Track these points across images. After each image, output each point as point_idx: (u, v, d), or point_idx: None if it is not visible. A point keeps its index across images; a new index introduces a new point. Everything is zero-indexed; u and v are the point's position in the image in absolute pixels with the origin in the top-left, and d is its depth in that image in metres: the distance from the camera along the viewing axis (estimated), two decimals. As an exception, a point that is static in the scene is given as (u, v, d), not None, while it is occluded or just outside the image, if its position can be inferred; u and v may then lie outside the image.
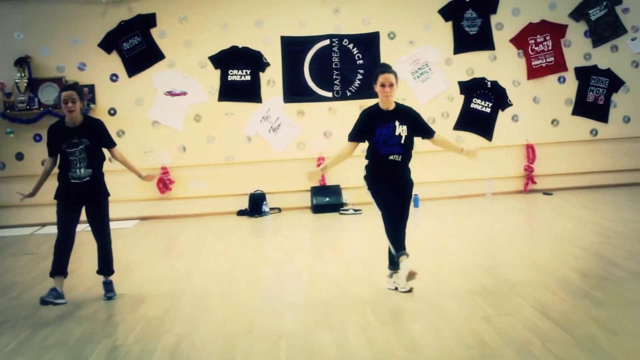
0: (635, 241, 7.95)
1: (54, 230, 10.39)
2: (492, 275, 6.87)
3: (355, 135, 6.47)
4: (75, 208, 6.59)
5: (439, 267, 7.10)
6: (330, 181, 11.61)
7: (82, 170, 6.43)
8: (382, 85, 6.15)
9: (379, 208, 6.22)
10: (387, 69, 6.29)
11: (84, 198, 6.56)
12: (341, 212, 11.13)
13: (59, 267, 6.52)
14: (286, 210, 11.59)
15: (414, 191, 6.55)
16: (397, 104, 6.35)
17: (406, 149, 6.22)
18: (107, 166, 11.02)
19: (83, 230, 10.64)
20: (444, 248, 8.21)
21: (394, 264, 6.27)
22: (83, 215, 6.72)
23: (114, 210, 11.10)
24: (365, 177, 6.47)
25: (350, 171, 11.34)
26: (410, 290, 6.24)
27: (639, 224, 9.00)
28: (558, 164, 12.11)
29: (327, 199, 11.39)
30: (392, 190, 6.25)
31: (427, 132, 6.43)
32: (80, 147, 6.42)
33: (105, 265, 6.84)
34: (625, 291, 6.03)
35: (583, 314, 5.47)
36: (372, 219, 10.34)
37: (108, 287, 6.79)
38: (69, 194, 6.51)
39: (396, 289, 6.26)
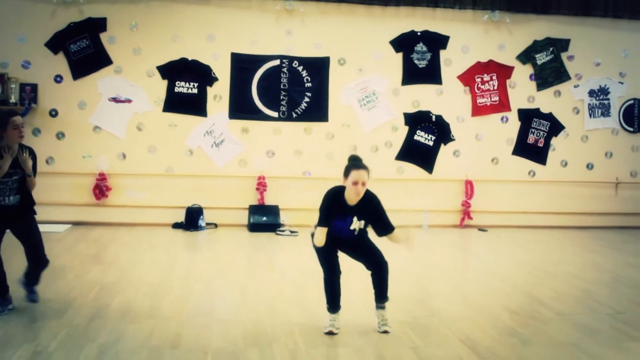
0: (564, 283, 8.10)
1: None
2: (423, 306, 6.91)
3: (325, 221, 5.83)
4: (2, 226, 6.32)
5: (370, 295, 7.08)
6: (269, 201, 11.56)
7: (11, 198, 6.22)
8: (355, 183, 5.66)
9: (320, 264, 6.02)
10: (360, 164, 5.76)
11: (10, 221, 6.31)
12: (277, 232, 11.09)
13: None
14: (223, 226, 11.49)
15: None
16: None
17: (359, 236, 5.99)
18: (43, 167, 10.84)
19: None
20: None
21: (334, 307, 6.05)
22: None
23: (46, 213, 10.91)
24: (313, 235, 5.96)
25: (289, 192, 11.46)
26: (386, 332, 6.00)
27: (569, 266, 9.18)
28: (495, 202, 12.29)
29: (264, 218, 11.33)
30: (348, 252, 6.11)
31: (386, 229, 6.03)
32: (15, 177, 6.21)
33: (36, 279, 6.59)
34: (552, 331, 6.13)
35: (509, 351, 5.54)
36: (308, 241, 10.35)
37: (33, 290, 6.56)
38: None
39: (331, 332, 5.90)
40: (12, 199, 6.22)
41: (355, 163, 5.79)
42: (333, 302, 6.02)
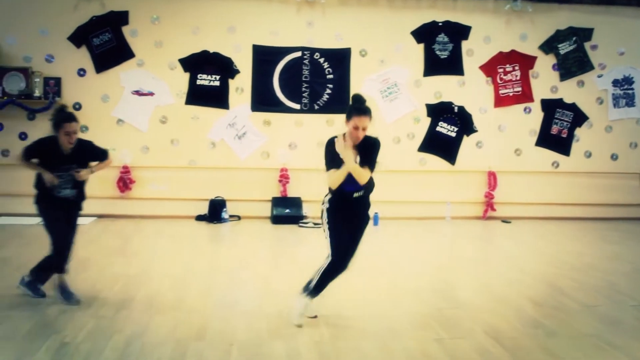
0: (587, 274, 8.04)
1: (8, 221, 10.40)
2: (447, 298, 6.89)
3: (331, 163, 5.70)
4: (61, 210, 6.40)
5: (395, 288, 7.10)
6: (291, 193, 11.58)
7: (68, 191, 6.33)
8: (356, 128, 5.58)
9: (331, 249, 5.78)
10: (363, 109, 5.66)
11: (65, 207, 6.41)
12: (300, 224, 11.11)
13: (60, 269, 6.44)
14: (246, 218, 11.53)
15: (374, 209, 6.24)
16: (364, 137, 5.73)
17: (367, 184, 5.72)
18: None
19: (38, 224, 10.51)
20: (401, 269, 8.23)
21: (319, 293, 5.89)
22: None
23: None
24: (328, 210, 5.85)
25: (312, 184, 11.44)
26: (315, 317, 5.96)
27: (593, 257, 9.12)
28: (518, 193, 12.24)
29: (287, 211, 11.35)
30: (349, 228, 5.84)
31: (364, 164, 5.69)
32: (71, 171, 6.30)
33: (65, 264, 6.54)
34: (576, 323, 6.09)
35: (534, 342, 5.51)
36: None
37: (67, 290, 6.44)
38: (53, 203, 6.33)
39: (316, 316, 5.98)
40: (69, 192, 6.34)
41: (358, 106, 5.70)
42: (322, 289, 5.84)
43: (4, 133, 11.06)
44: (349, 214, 5.85)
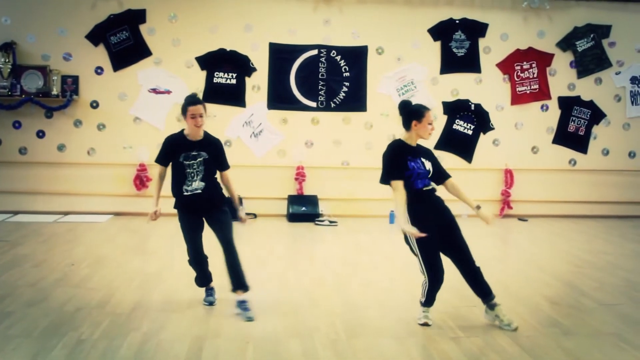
0: (606, 273, 8.00)
1: (25, 218, 10.46)
2: (463, 296, 6.84)
3: (396, 174, 5.94)
4: (195, 217, 6.49)
5: (412, 285, 7.07)
6: (307, 191, 11.59)
7: (196, 183, 6.31)
8: (430, 123, 6.07)
9: (425, 268, 5.96)
10: (427, 107, 6.19)
11: (199, 209, 6.46)
12: (317, 222, 11.11)
13: (204, 281, 6.68)
14: (262, 216, 11.54)
15: (389, 208, 6.30)
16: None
17: (434, 181, 6.21)
18: (84, 158, 11.04)
19: (56, 222, 10.57)
20: (416, 267, 8.19)
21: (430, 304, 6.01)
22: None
23: (88, 204, 11.13)
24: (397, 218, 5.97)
25: (328, 182, 11.48)
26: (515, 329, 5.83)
27: (611, 255, 9.07)
28: (535, 191, 12.19)
29: (303, 209, 11.36)
30: (437, 230, 6.03)
31: (443, 175, 6.38)
32: (199, 159, 6.32)
33: (238, 279, 6.41)
34: (594, 321, 6.06)
35: (551, 341, 5.49)
36: (347, 231, 10.39)
37: (243, 306, 6.17)
38: (184, 205, 6.42)
39: (426, 324, 5.89)
40: (197, 184, 6.32)
41: (425, 106, 6.18)
42: (432, 300, 6.01)
43: (22, 131, 11.12)
44: (431, 211, 6.07)
